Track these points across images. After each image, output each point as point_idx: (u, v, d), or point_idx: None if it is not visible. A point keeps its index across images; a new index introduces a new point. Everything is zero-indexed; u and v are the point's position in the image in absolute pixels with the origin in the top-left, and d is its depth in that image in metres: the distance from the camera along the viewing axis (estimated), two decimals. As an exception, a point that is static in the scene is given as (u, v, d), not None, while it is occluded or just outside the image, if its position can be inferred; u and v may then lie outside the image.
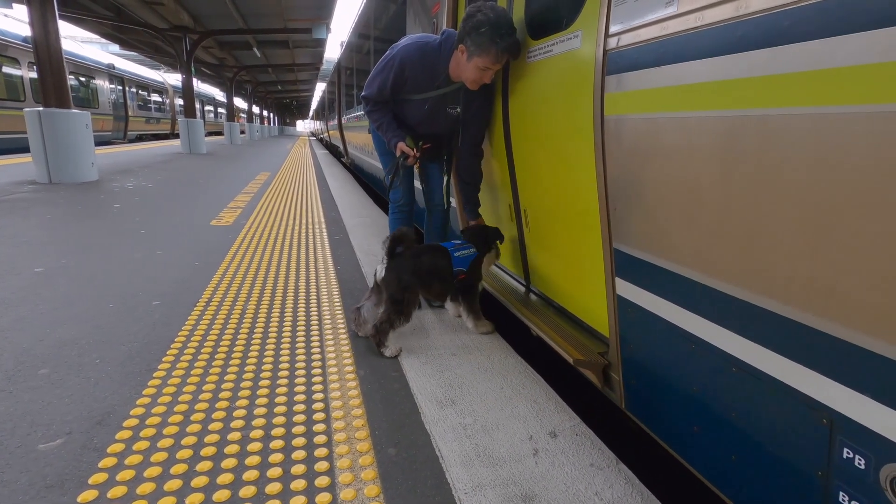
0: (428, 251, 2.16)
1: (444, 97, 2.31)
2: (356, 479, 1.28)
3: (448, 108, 2.33)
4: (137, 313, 2.27)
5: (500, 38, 1.98)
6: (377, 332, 1.97)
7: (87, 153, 6.52)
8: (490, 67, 2.08)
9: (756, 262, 1.02)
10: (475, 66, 2.07)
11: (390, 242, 2.03)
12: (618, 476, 1.34)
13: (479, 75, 2.11)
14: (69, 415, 1.48)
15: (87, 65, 15.00)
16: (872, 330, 0.83)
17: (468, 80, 2.16)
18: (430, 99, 2.32)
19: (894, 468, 0.82)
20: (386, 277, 2.02)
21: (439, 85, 2.28)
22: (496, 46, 1.99)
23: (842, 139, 0.83)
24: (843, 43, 0.82)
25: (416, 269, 2.04)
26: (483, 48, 2.01)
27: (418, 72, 2.25)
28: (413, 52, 2.23)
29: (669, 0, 1.18)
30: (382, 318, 1.99)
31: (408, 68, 2.24)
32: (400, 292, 1.99)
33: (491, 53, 2.01)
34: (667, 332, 1.31)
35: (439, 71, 2.24)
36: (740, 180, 1.03)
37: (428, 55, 2.23)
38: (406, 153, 2.36)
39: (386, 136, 2.43)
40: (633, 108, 1.31)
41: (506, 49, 2.00)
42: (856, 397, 0.86)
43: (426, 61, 2.23)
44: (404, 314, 2.00)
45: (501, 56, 2.03)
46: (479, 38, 1.99)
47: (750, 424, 1.10)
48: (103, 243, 3.51)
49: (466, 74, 2.14)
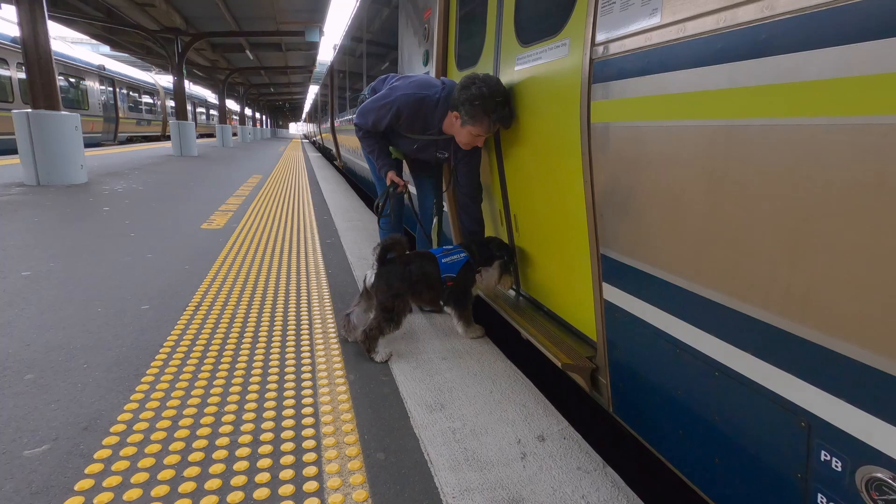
0: (417, 258, 2.14)
1: (435, 142, 2.41)
2: (344, 483, 1.28)
3: (438, 152, 2.44)
4: (126, 317, 2.26)
5: (493, 112, 2.07)
6: (367, 338, 1.97)
7: (76, 155, 6.46)
8: (482, 135, 2.18)
9: (737, 268, 1.05)
10: (468, 132, 2.17)
11: (381, 250, 2.02)
12: (604, 479, 1.36)
13: (471, 140, 2.21)
14: (55, 420, 1.47)
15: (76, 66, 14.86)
16: (848, 335, 0.85)
17: (460, 142, 2.26)
18: (420, 140, 2.41)
19: (870, 470, 0.84)
20: (376, 284, 2.01)
21: (431, 133, 2.37)
22: (489, 118, 2.09)
23: (819, 149, 0.86)
24: (819, 56, 0.84)
25: (406, 277, 2.04)
26: (476, 119, 2.11)
27: (413, 119, 2.33)
28: (412, 103, 2.29)
29: (654, 11, 1.20)
30: (372, 324, 1.98)
31: (404, 115, 2.32)
32: (390, 300, 1.98)
33: (484, 124, 2.12)
34: (652, 337, 1.33)
35: (433, 123, 2.32)
36: (722, 188, 1.06)
37: (424, 108, 2.29)
38: (396, 182, 2.44)
39: (377, 162, 2.50)
40: (619, 116, 1.34)
41: (498, 120, 2.10)
42: (832, 401, 0.89)
43: (422, 113, 2.31)
44: (395, 321, 1.99)
45: (494, 126, 2.13)
46: (473, 110, 2.08)
47: (732, 428, 1.12)
48: (92, 247, 3.48)
49: (459, 138, 2.24)
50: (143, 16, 11.70)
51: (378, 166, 2.50)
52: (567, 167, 1.70)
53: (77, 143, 6.48)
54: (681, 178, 1.16)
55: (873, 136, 0.78)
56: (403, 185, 2.44)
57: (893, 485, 0.81)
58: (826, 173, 0.85)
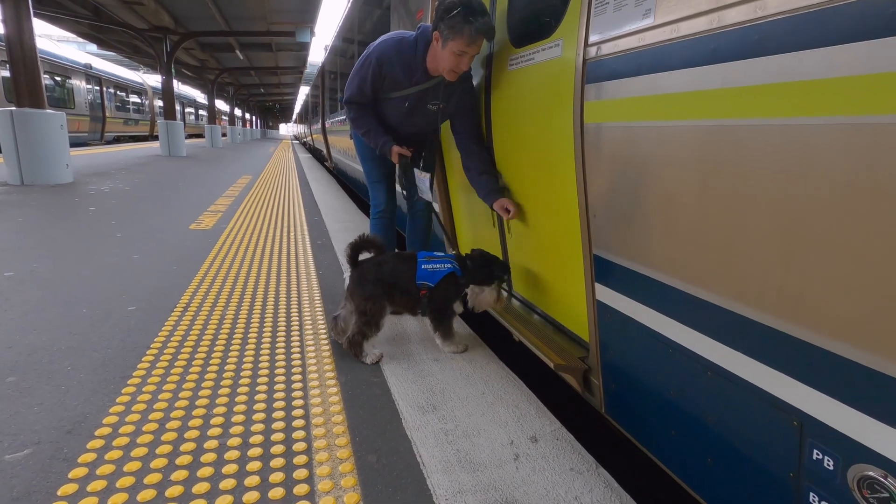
0: (392, 258, 2.04)
1: (425, 93, 2.29)
2: (336, 486, 1.26)
3: (429, 104, 2.31)
4: (112, 319, 2.22)
5: (473, 18, 1.96)
6: (351, 345, 1.94)
7: (61, 154, 6.36)
8: (465, 51, 2.04)
9: (729, 268, 1.05)
10: (450, 51, 2.04)
11: (351, 250, 1.95)
12: (597, 480, 1.36)
13: (455, 61, 2.07)
14: (38, 424, 1.44)
15: (63, 64, 14.65)
16: (841, 334, 0.86)
17: (445, 69, 2.12)
18: (410, 96, 2.30)
19: (862, 468, 0.85)
20: (349, 288, 1.95)
21: (418, 80, 2.26)
22: (470, 27, 1.96)
23: (811, 149, 0.86)
24: (811, 57, 0.85)
25: (378, 278, 1.95)
26: (456, 30, 1.98)
27: (396, 68, 2.23)
28: (389, 49, 2.21)
29: (647, 12, 1.20)
30: (354, 330, 1.94)
31: (385, 65, 2.22)
32: (363, 303, 1.91)
33: (465, 34, 1.98)
34: (645, 337, 1.33)
35: (416, 66, 2.22)
36: (714, 189, 1.06)
37: (404, 50, 2.21)
38: (404, 154, 2.34)
39: (375, 142, 2.39)
40: (612, 116, 1.34)
41: (479, 29, 1.98)
42: (824, 400, 0.89)
43: (403, 57, 2.21)
44: (373, 325, 1.92)
45: (475, 37, 2.00)
46: (452, 21, 1.97)
47: (724, 427, 1.13)
48: (77, 247, 3.42)
49: (443, 63, 2.11)
50: (130, 14, 11.56)
51: (377, 146, 2.40)
52: (560, 167, 1.70)
53: (62, 142, 6.38)
54: (674, 178, 1.16)
55: (865, 136, 0.78)
56: (409, 153, 2.34)
57: (885, 483, 0.81)
58: (818, 173, 0.86)
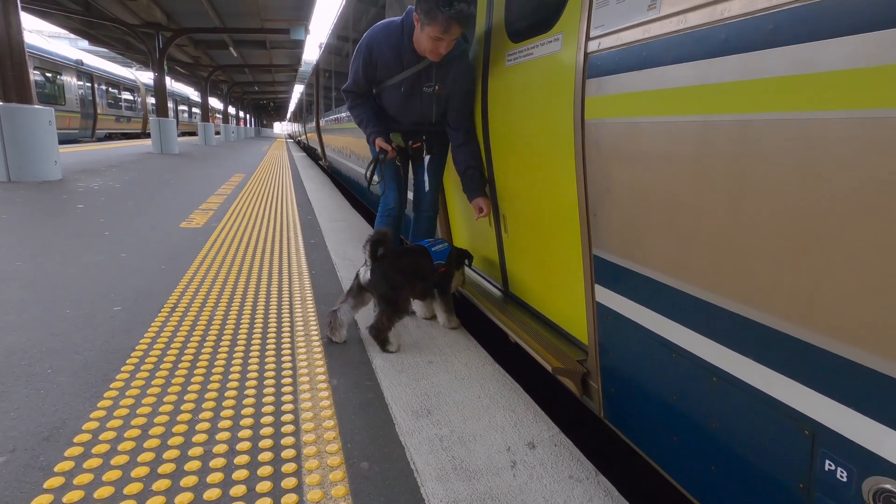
0: (408, 252, 2.18)
1: (418, 76, 2.28)
2: (326, 495, 1.21)
3: (424, 87, 2.30)
4: (96, 320, 2.15)
5: (445, 6, 1.92)
6: (378, 333, 2.00)
7: (49, 151, 6.24)
8: (441, 37, 2.02)
9: (737, 269, 1.01)
10: (427, 35, 2.04)
11: (371, 245, 2.01)
12: (597, 488, 1.31)
13: (433, 45, 2.07)
14: (13, 430, 1.37)
15: (52, 60, 14.45)
16: (856, 340, 0.81)
17: (425, 51, 2.13)
18: (405, 80, 2.30)
19: (878, 481, 0.81)
20: (373, 280, 2.02)
21: (408, 63, 2.26)
22: (443, 13, 1.94)
23: (824, 145, 0.82)
24: (824, 48, 0.81)
25: (401, 269, 2.08)
26: (431, 16, 1.97)
27: (385, 52, 2.24)
28: (378, 34, 2.24)
29: (652, 3, 1.16)
30: (381, 318, 2.01)
31: (375, 50, 2.24)
32: (392, 292, 2.02)
33: (438, 21, 1.97)
34: (647, 341, 1.29)
35: (405, 47, 2.22)
36: (722, 187, 1.02)
37: (392, 33, 2.22)
38: (384, 149, 2.38)
39: (365, 131, 2.43)
40: (614, 112, 1.29)
41: (453, 17, 1.95)
42: (839, 409, 0.85)
43: (391, 40, 2.22)
44: (401, 310, 2.05)
45: (450, 24, 1.97)
46: (427, 6, 1.96)
47: (730, 434, 1.08)
48: (63, 245, 3.34)
49: (423, 46, 2.12)
50: (122, 10, 11.41)
51: (366, 135, 2.45)
52: (558, 165, 1.65)
53: (51, 138, 6.27)
54: (679, 176, 1.12)
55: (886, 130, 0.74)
56: (392, 150, 2.40)
57: (904, 496, 0.77)
58: (835, 169, 0.81)
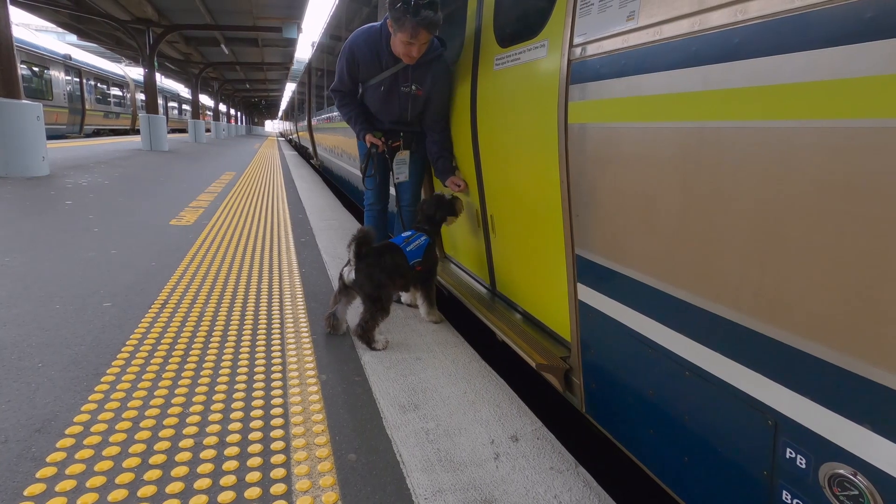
0: (386, 251, 2.19)
1: (396, 77, 2.35)
2: (314, 486, 1.25)
3: (402, 87, 2.37)
4: (86, 315, 2.16)
5: (412, 13, 1.96)
6: (364, 332, 2.03)
7: (37, 146, 6.19)
8: (411, 42, 2.07)
9: (707, 269, 1.06)
10: (399, 40, 2.10)
11: (356, 245, 2.04)
12: (576, 479, 1.36)
13: (405, 49, 2.13)
14: (5, 422, 1.39)
15: (40, 54, 14.26)
16: (814, 335, 0.87)
17: (400, 54, 2.20)
18: (384, 80, 2.37)
19: (832, 466, 0.86)
20: (358, 280, 2.06)
21: (386, 64, 2.33)
22: (410, 21, 1.98)
23: (791, 152, 0.88)
24: (790, 60, 0.86)
25: (384, 268, 2.12)
26: (399, 22, 2.02)
27: (366, 54, 2.32)
28: (359, 37, 2.32)
29: (631, 14, 1.21)
30: (366, 317, 2.04)
31: (356, 52, 2.32)
32: (376, 290, 2.06)
33: (406, 27, 2.02)
34: (625, 337, 1.34)
35: (383, 50, 2.29)
36: (695, 190, 1.07)
37: (371, 36, 2.30)
38: (374, 143, 2.51)
39: (354, 128, 2.54)
40: (596, 117, 1.35)
41: (420, 23, 1.99)
42: (798, 399, 0.90)
43: (370, 42, 2.30)
44: (384, 309, 2.08)
45: (417, 30, 2.02)
46: (396, 13, 2.01)
47: (701, 427, 1.14)
48: (52, 241, 3.33)
49: (397, 49, 2.19)
50: (112, 5, 11.30)
51: (356, 132, 2.57)
52: (544, 168, 1.70)
53: (39, 133, 6.22)
54: (655, 179, 1.17)
55: (843, 139, 0.79)
56: (382, 144, 2.51)
57: (854, 480, 0.83)
58: (797, 175, 0.87)
